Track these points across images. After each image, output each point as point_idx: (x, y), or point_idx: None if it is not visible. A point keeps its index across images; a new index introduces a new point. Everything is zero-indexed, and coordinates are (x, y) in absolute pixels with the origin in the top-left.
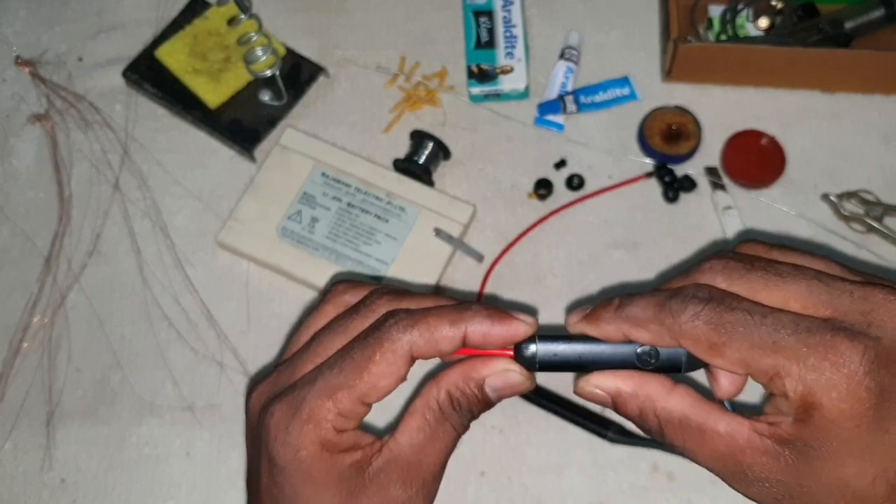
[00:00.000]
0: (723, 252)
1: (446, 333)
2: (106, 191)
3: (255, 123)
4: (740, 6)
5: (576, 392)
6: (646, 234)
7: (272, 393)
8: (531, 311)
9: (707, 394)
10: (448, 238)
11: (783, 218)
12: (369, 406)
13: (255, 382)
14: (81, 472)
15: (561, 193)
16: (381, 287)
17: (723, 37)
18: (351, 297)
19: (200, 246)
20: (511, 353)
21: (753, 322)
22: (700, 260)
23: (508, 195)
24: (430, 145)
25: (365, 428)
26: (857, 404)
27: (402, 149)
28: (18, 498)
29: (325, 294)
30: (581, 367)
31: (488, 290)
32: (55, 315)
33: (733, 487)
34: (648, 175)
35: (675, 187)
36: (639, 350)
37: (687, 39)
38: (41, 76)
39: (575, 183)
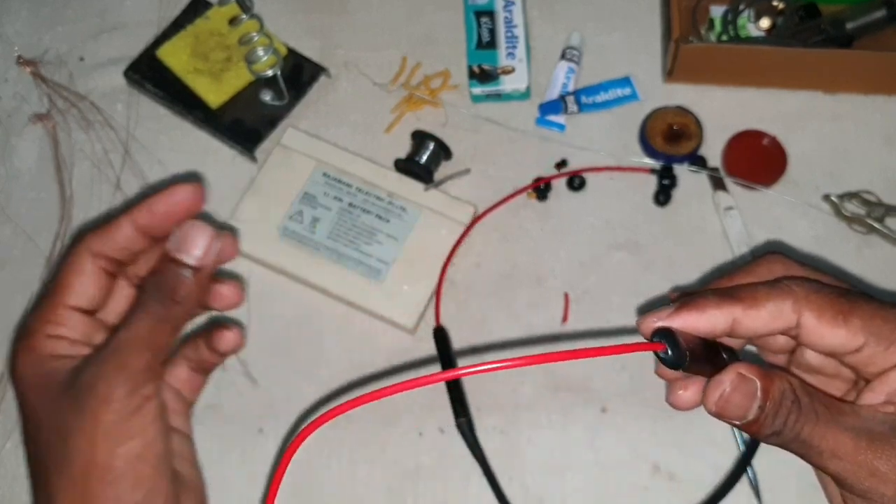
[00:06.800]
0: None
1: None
2: (107, 191)
3: (256, 123)
4: (742, 7)
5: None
6: (647, 235)
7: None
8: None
9: None
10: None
11: (784, 218)
12: (80, 310)
13: None
14: None
15: (562, 194)
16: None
17: (724, 37)
18: None
19: None
20: (661, 346)
21: (868, 297)
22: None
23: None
24: (432, 145)
25: None
26: None
27: (403, 149)
28: (20, 497)
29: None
30: None
31: (490, 291)
32: None
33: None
34: (653, 171)
35: (668, 187)
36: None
37: (688, 40)
38: (43, 76)
39: (576, 183)
